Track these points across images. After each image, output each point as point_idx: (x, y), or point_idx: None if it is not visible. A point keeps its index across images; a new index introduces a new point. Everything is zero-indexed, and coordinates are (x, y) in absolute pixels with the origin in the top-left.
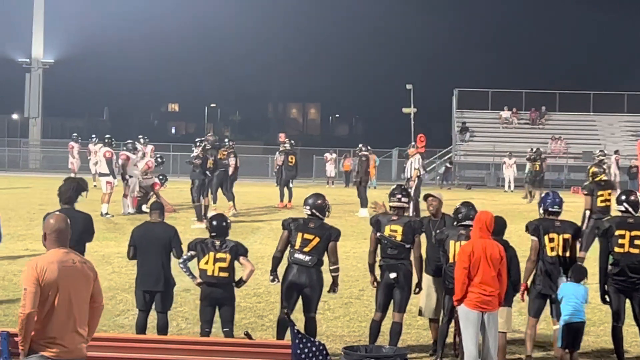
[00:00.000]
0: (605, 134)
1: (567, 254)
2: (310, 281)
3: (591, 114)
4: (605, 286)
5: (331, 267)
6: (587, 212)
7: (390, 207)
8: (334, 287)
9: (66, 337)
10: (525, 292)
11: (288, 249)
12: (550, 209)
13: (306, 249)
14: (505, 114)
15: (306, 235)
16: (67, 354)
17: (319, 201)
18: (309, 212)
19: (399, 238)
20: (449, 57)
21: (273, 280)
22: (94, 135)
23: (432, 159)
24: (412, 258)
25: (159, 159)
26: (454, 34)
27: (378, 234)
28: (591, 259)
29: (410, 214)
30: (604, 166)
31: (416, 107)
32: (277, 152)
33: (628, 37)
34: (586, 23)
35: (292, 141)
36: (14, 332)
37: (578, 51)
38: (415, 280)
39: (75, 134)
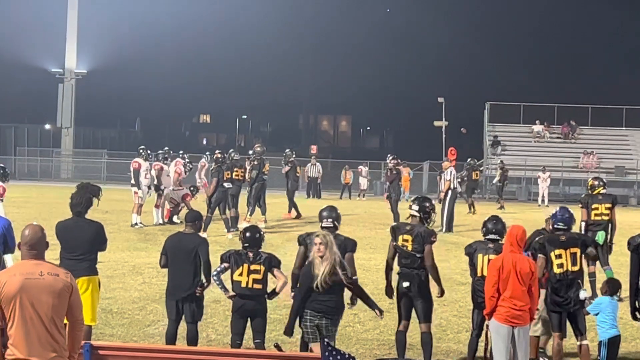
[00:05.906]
0: (638, 149)
1: (576, 268)
2: None
3: (623, 128)
4: (636, 302)
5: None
6: (583, 224)
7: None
8: (353, 299)
9: (35, 352)
10: None
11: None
12: (556, 226)
13: None
14: (537, 127)
15: None
16: None
17: (334, 213)
18: (323, 225)
19: (409, 248)
20: (481, 71)
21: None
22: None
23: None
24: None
25: (188, 164)
26: (486, 47)
27: (394, 243)
28: (621, 275)
29: (444, 227)
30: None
31: (448, 120)
32: (309, 164)
33: None
34: (619, 37)
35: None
36: (97, 344)
37: (611, 65)
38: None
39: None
